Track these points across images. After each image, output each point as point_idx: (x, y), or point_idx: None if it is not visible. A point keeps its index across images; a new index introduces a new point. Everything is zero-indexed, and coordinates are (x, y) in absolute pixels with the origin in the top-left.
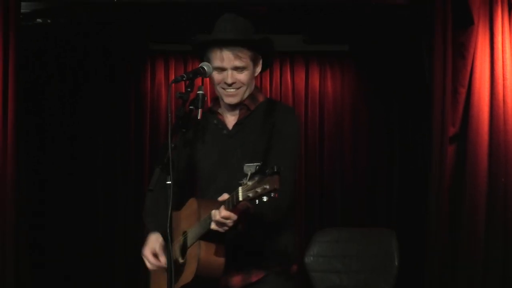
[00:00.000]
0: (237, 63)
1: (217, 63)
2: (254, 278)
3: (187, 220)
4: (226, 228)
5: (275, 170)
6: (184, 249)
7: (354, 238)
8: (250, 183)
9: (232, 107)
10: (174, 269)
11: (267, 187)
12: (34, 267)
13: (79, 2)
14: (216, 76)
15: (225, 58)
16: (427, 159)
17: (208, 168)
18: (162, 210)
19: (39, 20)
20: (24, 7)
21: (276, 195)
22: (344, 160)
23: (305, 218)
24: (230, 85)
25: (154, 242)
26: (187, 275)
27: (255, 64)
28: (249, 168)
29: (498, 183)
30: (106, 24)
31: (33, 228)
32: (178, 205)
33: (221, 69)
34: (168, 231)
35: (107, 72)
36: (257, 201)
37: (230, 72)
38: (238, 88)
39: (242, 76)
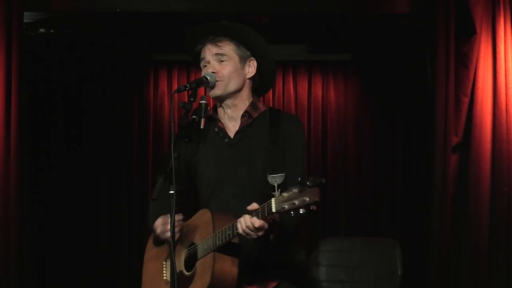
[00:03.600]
0: (215, 50)
1: (201, 56)
2: (269, 287)
3: (197, 232)
4: (253, 237)
5: (317, 182)
6: (191, 261)
7: (358, 248)
8: (285, 194)
9: (233, 114)
10: (178, 282)
11: (308, 199)
12: (37, 271)
13: (82, 12)
14: (202, 71)
15: (206, 49)
16: (430, 169)
17: (211, 178)
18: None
19: (42, 30)
20: (27, 17)
21: (315, 208)
22: (347, 170)
23: (308, 228)
24: None
25: (161, 220)
26: (198, 287)
27: (242, 60)
28: (274, 178)
29: (501, 192)
30: (109, 34)
31: (37, 232)
32: (184, 215)
33: (205, 62)
34: (171, 240)
35: (110, 82)
36: (292, 213)
37: (212, 62)
38: (217, 81)
39: (222, 67)
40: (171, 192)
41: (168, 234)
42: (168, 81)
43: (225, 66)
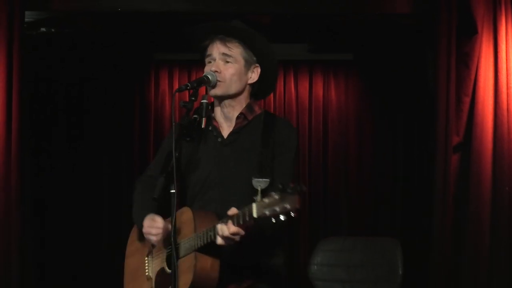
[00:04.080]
0: (223, 49)
1: (208, 52)
2: (244, 285)
3: (179, 229)
4: (231, 243)
5: (298, 189)
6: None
7: (358, 248)
8: (267, 200)
9: (229, 115)
10: (160, 279)
11: (288, 206)
12: (38, 271)
13: (83, 11)
14: (206, 67)
15: (214, 47)
16: (431, 168)
17: (201, 176)
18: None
19: (43, 29)
20: (28, 16)
21: (296, 214)
22: (348, 169)
23: (309, 227)
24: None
25: (148, 219)
26: (180, 286)
27: (247, 65)
28: (259, 183)
29: (502, 191)
30: (110, 33)
31: (37, 232)
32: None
33: (211, 59)
34: (172, 240)
35: (111, 81)
36: (273, 219)
37: (217, 61)
38: (218, 81)
39: (226, 68)
40: (172, 191)
41: (151, 237)
42: (169, 80)
43: (229, 67)
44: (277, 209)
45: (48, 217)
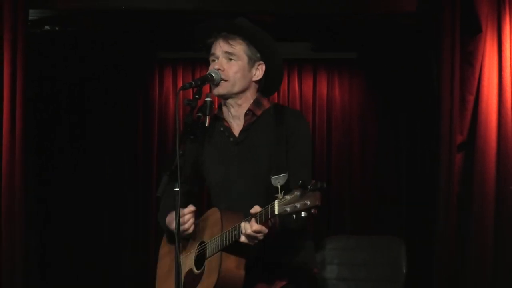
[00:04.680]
0: (226, 47)
1: (211, 51)
2: (278, 286)
3: (207, 230)
4: (256, 241)
5: (318, 186)
6: (201, 260)
7: (362, 246)
8: (288, 197)
9: (236, 113)
10: (188, 280)
11: (308, 203)
12: (41, 270)
13: (87, 9)
14: (210, 66)
15: (217, 45)
16: (435, 167)
17: (219, 177)
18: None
19: (47, 27)
20: (32, 14)
21: (316, 211)
22: (352, 168)
23: (313, 226)
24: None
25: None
26: (205, 287)
27: (250, 62)
28: (277, 180)
29: (506, 190)
30: (114, 31)
31: (40, 231)
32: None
33: (214, 57)
34: (176, 237)
35: (115, 79)
36: (294, 216)
37: (220, 59)
38: (222, 79)
39: (230, 66)
40: (176, 189)
41: (185, 226)
42: (173, 78)
43: (233, 65)
44: (298, 206)
45: (50, 216)
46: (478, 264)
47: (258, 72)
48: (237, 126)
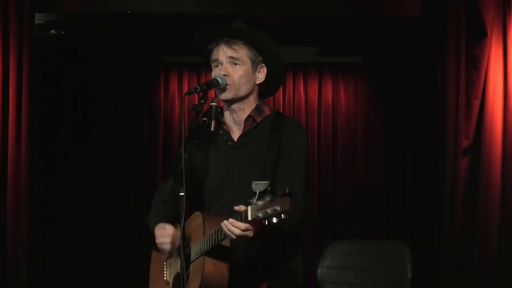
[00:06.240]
0: (230, 52)
1: (213, 57)
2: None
3: (192, 234)
4: (236, 240)
5: (286, 191)
6: (186, 264)
7: (367, 251)
8: (260, 203)
9: (238, 118)
10: (177, 283)
11: (278, 208)
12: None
13: (92, 13)
14: (213, 72)
15: (220, 50)
16: (440, 171)
17: (214, 180)
18: (166, 216)
19: (53, 31)
20: (38, 18)
21: (286, 217)
22: (357, 172)
23: (318, 230)
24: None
25: (159, 228)
26: None
27: (254, 66)
28: (258, 186)
29: (511, 195)
30: (119, 35)
31: (45, 232)
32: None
33: (218, 63)
34: (181, 242)
35: (121, 84)
36: (266, 221)
37: (225, 64)
38: (228, 84)
39: (235, 71)
40: (181, 194)
41: (164, 246)
42: (178, 83)
43: (238, 70)
44: (269, 211)
45: (55, 218)
46: (482, 267)
47: (261, 75)
48: (237, 130)
